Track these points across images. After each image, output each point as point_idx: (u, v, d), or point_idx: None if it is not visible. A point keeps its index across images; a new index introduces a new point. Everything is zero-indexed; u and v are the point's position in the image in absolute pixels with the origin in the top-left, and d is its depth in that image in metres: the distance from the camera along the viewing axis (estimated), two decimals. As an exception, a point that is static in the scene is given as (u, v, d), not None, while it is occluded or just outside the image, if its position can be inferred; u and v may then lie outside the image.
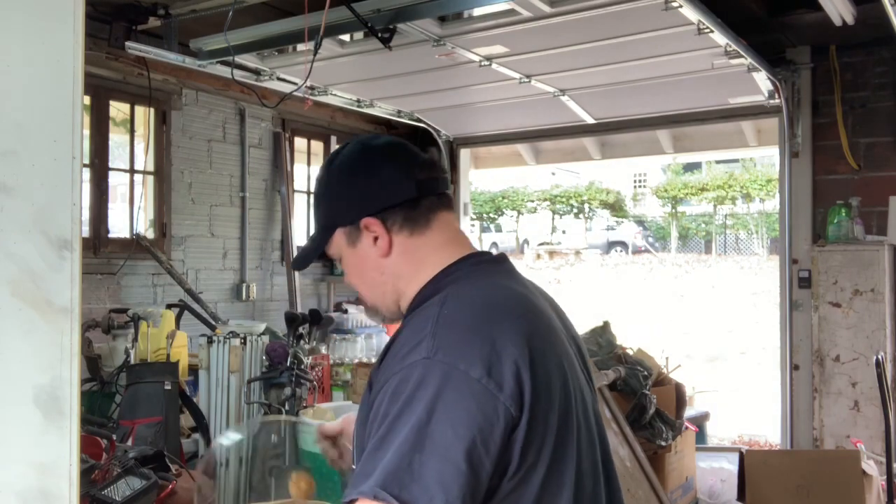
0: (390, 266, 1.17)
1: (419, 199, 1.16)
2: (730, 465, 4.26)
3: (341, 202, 1.18)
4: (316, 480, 1.43)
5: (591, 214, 23.19)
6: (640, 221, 23.34)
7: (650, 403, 3.72)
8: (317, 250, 1.22)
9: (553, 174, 22.77)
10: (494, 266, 1.19)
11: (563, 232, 23.26)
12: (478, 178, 15.17)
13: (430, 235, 1.17)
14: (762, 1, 4.13)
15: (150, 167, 4.93)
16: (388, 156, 1.18)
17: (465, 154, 6.22)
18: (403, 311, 1.19)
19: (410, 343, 1.03)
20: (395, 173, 1.16)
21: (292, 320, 4.28)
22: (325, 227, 1.21)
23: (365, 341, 4.56)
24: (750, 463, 3.58)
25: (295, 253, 5.58)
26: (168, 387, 3.23)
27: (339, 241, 1.20)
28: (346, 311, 5.69)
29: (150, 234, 4.91)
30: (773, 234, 17.31)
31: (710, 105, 5.03)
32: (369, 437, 1.00)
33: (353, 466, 1.08)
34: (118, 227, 4.89)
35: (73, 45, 1.10)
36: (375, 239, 1.16)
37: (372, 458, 0.95)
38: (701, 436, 4.67)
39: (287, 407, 3.73)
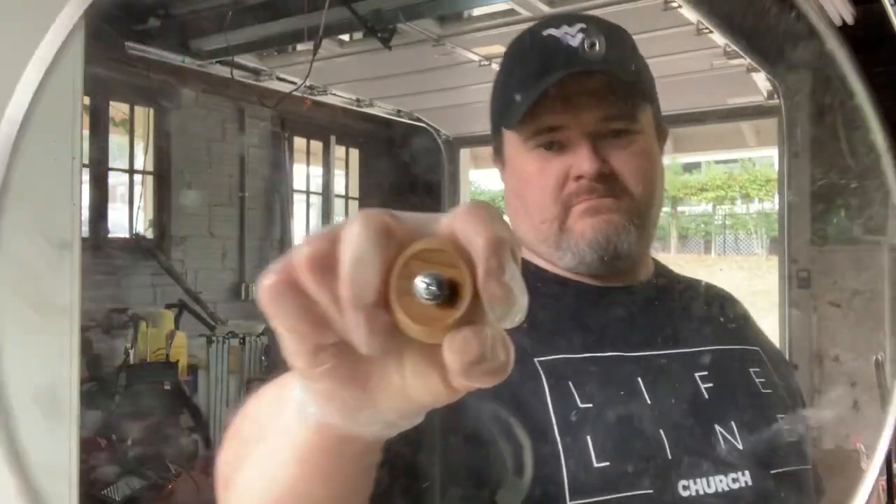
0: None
1: None
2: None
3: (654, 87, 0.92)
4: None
5: (590, 214, 23.13)
6: (639, 221, 23.32)
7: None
8: (639, 93, 0.88)
9: (553, 174, 22.72)
10: None
11: (563, 232, 23.20)
12: (478, 178, 15.16)
13: None
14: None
15: (150, 167, 4.93)
16: None
17: (464, 154, 6.21)
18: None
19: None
20: None
21: (292, 320, 4.28)
22: (646, 95, 0.89)
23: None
24: (749, 463, 3.58)
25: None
26: (167, 387, 3.24)
27: (648, 119, 0.89)
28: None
29: (150, 234, 4.91)
30: (772, 234, 17.30)
31: (710, 105, 5.03)
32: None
33: None
34: (118, 227, 4.89)
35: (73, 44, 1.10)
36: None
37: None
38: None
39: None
